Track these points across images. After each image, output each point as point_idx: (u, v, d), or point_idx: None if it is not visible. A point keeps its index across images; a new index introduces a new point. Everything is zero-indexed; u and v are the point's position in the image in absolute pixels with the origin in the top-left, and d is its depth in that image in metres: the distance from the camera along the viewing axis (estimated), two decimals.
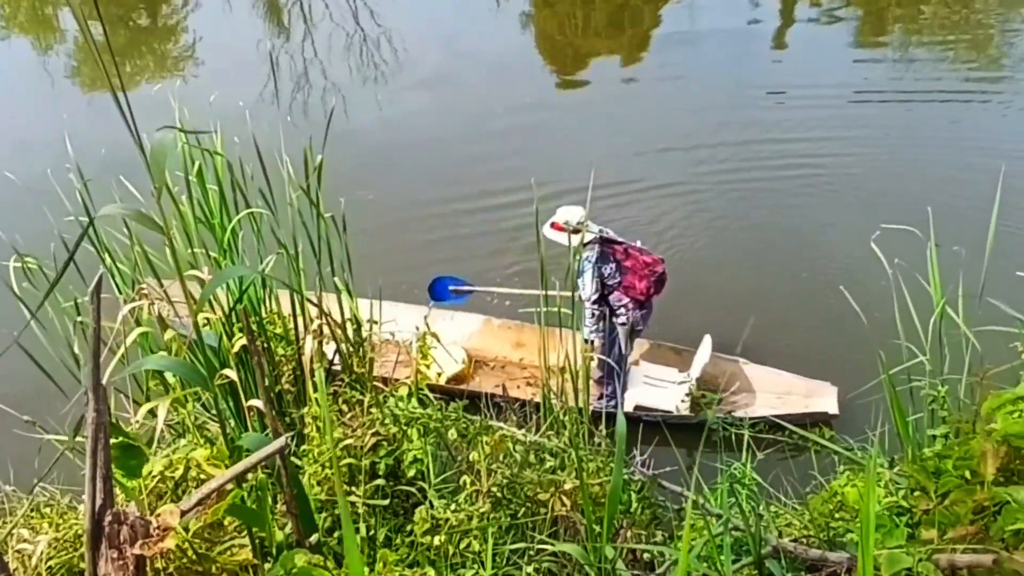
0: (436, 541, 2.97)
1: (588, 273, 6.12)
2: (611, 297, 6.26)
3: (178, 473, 2.83)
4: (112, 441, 2.23)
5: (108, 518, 2.13)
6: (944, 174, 9.27)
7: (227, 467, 2.66)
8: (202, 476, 2.84)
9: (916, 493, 2.33)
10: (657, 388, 6.70)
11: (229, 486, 2.38)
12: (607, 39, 14.13)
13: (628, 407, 6.24)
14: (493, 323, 7.38)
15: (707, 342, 6.57)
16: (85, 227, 2.63)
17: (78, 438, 3.81)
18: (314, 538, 2.83)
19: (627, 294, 6.23)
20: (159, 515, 2.13)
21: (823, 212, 9.02)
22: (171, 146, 2.17)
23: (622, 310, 6.25)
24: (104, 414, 2.11)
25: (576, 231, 5.78)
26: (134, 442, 2.35)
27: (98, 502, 2.14)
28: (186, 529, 2.25)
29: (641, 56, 13.36)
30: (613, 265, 6.19)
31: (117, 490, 2.36)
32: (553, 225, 6.20)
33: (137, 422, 3.40)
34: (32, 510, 3.73)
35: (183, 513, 2.19)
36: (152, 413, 3.48)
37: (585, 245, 6.03)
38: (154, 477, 2.79)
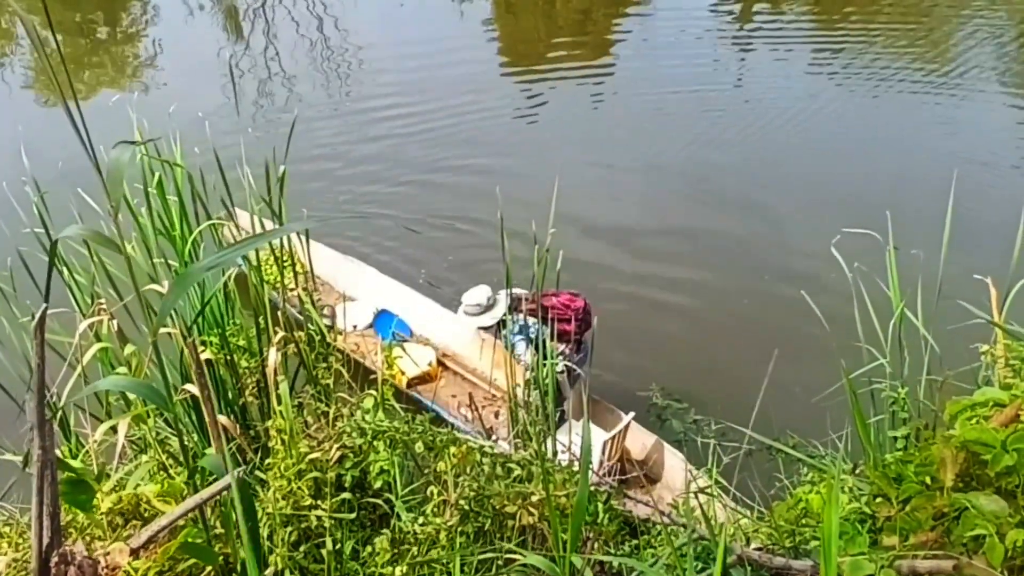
0: (397, 572, 2.95)
1: (521, 344, 5.95)
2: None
3: (127, 510, 2.76)
4: (61, 476, 2.16)
5: (55, 558, 2.06)
6: (902, 176, 9.43)
7: (181, 499, 2.60)
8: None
9: (878, 499, 2.35)
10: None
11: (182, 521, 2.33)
12: (570, 45, 14.17)
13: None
14: (480, 335, 7.11)
15: (628, 418, 6.19)
16: (51, 250, 2.55)
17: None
18: (269, 571, 2.80)
19: (560, 340, 6.02)
20: (108, 554, 2.06)
21: (783, 214, 9.12)
22: (128, 163, 2.12)
23: (559, 358, 5.99)
24: (50, 451, 2.03)
25: (489, 308, 5.73)
26: (82, 477, 2.29)
27: (45, 541, 2.07)
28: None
29: (603, 62, 13.43)
30: (533, 322, 5.99)
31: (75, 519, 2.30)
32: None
33: (96, 440, 3.34)
34: None
35: (133, 552, 2.12)
36: (113, 430, 3.42)
37: (503, 323, 5.94)
38: (103, 514, 2.73)
